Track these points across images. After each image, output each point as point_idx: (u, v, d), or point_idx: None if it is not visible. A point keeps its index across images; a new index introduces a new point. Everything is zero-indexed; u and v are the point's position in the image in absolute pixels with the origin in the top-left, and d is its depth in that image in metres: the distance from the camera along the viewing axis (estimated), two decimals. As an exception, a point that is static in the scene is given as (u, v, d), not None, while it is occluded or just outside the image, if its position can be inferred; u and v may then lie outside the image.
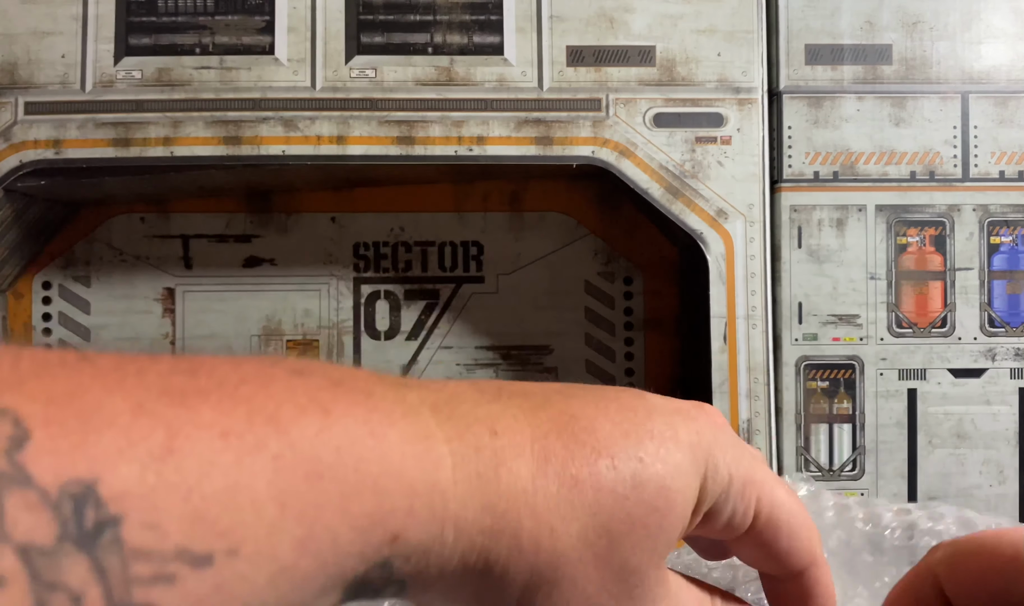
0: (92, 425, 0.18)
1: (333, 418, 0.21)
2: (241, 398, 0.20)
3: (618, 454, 0.24)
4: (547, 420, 0.24)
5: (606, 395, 0.26)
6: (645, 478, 0.24)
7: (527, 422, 0.24)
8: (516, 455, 0.23)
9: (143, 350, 1.12)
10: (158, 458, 0.18)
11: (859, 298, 0.98)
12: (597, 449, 0.24)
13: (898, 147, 0.99)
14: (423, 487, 0.21)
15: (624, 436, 0.25)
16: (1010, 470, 0.99)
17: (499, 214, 1.14)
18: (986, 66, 1.00)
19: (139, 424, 0.18)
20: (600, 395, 0.26)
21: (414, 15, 0.97)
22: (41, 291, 1.12)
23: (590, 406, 0.25)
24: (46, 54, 0.95)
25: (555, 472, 0.23)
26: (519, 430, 0.24)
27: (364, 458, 0.20)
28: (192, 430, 0.19)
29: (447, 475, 0.22)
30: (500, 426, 0.23)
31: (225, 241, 1.13)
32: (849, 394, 0.98)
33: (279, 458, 0.19)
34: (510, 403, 0.24)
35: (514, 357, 1.14)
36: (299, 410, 0.20)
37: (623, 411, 0.26)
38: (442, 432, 0.22)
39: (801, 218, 0.99)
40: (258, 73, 0.96)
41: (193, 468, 0.18)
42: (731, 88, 0.97)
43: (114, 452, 0.17)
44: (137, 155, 0.95)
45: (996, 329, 0.99)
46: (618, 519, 0.24)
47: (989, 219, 1.00)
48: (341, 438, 0.20)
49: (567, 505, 0.23)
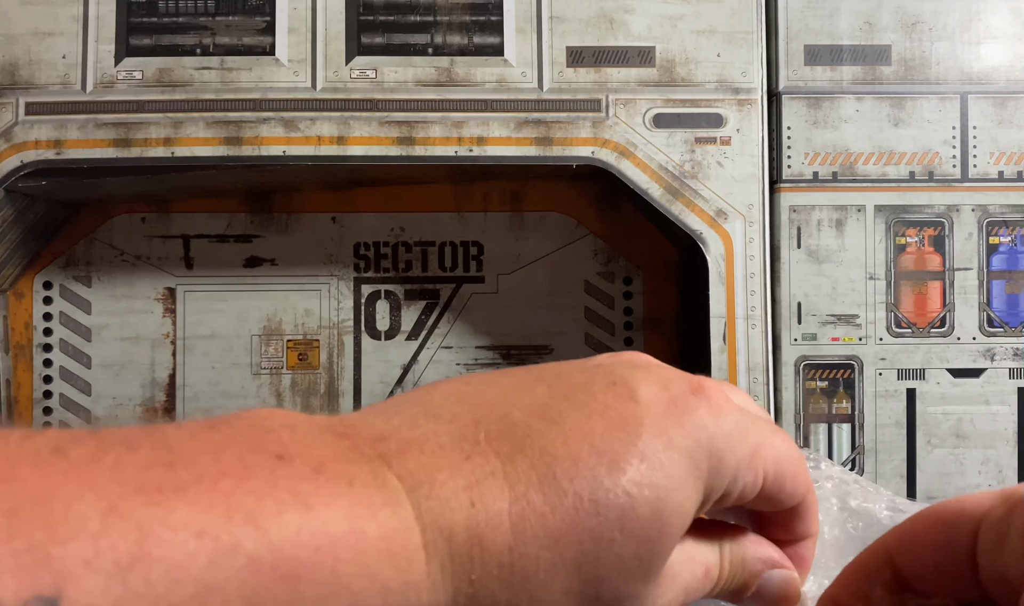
0: (58, 535, 0.17)
1: (314, 513, 0.20)
2: (220, 493, 0.19)
3: (602, 497, 0.23)
4: (527, 469, 0.23)
5: (594, 406, 0.25)
6: (635, 513, 0.23)
7: (505, 481, 0.23)
8: (493, 528, 0.23)
9: (143, 349, 1.12)
10: (126, 567, 0.17)
11: (858, 298, 0.99)
12: (579, 495, 0.23)
13: (897, 147, 0.99)
14: (397, 585, 0.21)
15: (610, 469, 0.24)
16: (1009, 470, 0.99)
17: (499, 214, 1.14)
18: (985, 67, 1.00)
19: (109, 530, 0.18)
20: (588, 408, 0.25)
21: (414, 16, 0.97)
22: (42, 291, 1.12)
23: (574, 434, 0.24)
24: (47, 55, 0.95)
25: (534, 536, 0.23)
26: (498, 495, 0.23)
27: (341, 559, 0.20)
28: (165, 532, 0.18)
29: (420, 569, 0.22)
30: (477, 495, 0.23)
31: (226, 241, 1.13)
32: (848, 394, 0.99)
33: (255, 560, 0.19)
34: (488, 456, 0.23)
35: (514, 357, 1.14)
36: (279, 506, 0.20)
37: (610, 430, 0.24)
38: (419, 523, 0.22)
39: (800, 218, 0.99)
40: (259, 74, 0.96)
41: (162, 576, 0.18)
42: (731, 89, 0.98)
43: (79, 564, 0.17)
44: (138, 155, 0.95)
45: (995, 329, 1.00)
46: (605, 564, 0.23)
47: (988, 219, 1.00)
48: (321, 538, 0.20)
49: (547, 567, 0.23)
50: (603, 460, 0.23)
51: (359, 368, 1.14)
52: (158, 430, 0.20)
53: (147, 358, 1.12)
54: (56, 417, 1.12)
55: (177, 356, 1.12)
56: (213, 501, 0.19)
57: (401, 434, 0.23)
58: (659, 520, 0.24)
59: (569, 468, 0.23)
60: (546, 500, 0.23)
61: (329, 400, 1.13)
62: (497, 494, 0.23)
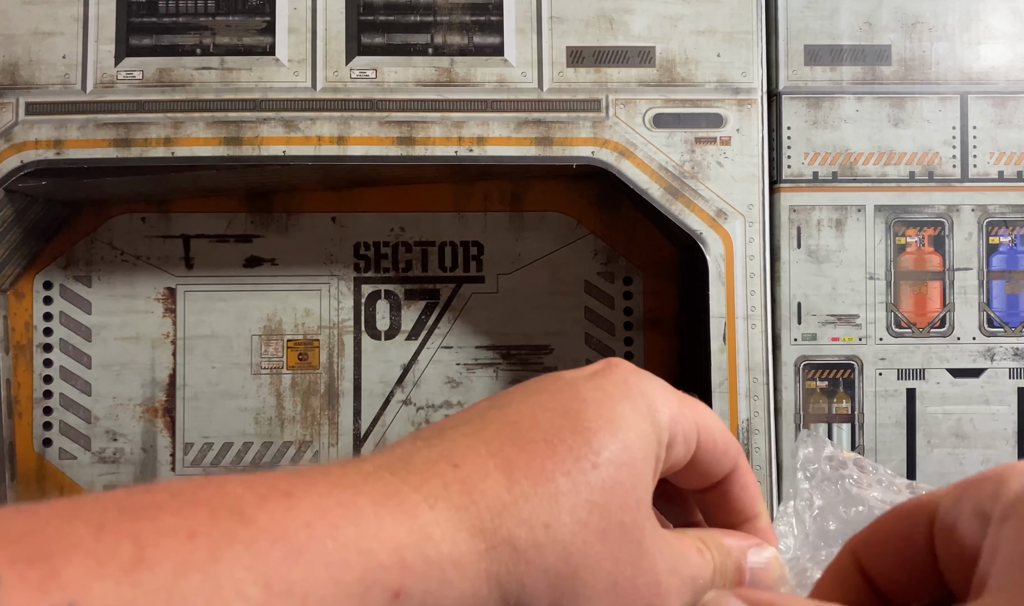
0: (59, 554, 0.18)
1: (296, 499, 0.21)
2: (200, 500, 0.20)
3: (567, 435, 0.25)
4: (495, 434, 0.25)
5: (529, 389, 0.27)
6: (602, 442, 0.25)
7: (480, 443, 0.25)
8: (483, 476, 0.24)
9: (144, 349, 1.12)
10: (130, 570, 0.18)
11: (858, 298, 0.99)
12: (548, 439, 0.25)
13: (897, 147, 0.99)
14: (408, 538, 0.22)
15: (564, 416, 0.26)
16: (1009, 470, 0.99)
17: (499, 214, 1.14)
18: (985, 67, 1.00)
19: (104, 543, 0.18)
20: (525, 392, 0.27)
21: (414, 16, 0.97)
22: (42, 291, 1.12)
23: (524, 407, 0.26)
24: (47, 55, 0.96)
25: (523, 475, 0.24)
26: (475, 453, 0.24)
27: (337, 526, 0.21)
28: (158, 538, 0.19)
29: (428, 519, 0.22)
30: (456, 457, 0.24)
31: (226, 241, 1.13)
32: (848, 394, 0.99)
33: (252, 544, 0.19)
34: (455, 435, 0.25)
35: (514, 357, 1.14)
36: (260, 499, 0.20)
37: (553, 396, 0.26)
38: (407, 485, 0.23)
39: (800, 218, 0.99)
40: (259, 74, 0.96)
41: (168, 571, 0.18)
42: (730, 89, 0.98)
43: (85, 574, 0.17)
44: (138, 155, 0.95)
45: (995, 329, 1.00)
46: (597, 488, 0.25)
47: (988, 219, 1.00)
48: (309, 514, 0.20)
49: (548, 498, 0.24)
50: (556, 415, 0.26)
51: (359, 368, 1.14)
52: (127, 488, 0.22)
53: (147, 358, 1.12)
54: (56, 417, 1.12)
55: (177, 356, 1.13)
56: (196, 507, 0.20)
57: (367, 455, 0.25)
58: (626, 444, 0.26)
59: (531, 425, 0.26)
60: (522, 450, 0.25)
61: (329, 400, 1.13)
62: (475, 452, 0.25)
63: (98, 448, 1.12)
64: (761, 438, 0.97)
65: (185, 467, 1.12)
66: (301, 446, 1.13)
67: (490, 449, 0.24)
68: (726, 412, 0.96)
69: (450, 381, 1.14)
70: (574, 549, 0.24)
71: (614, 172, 0.97)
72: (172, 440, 1.12)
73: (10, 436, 1.08)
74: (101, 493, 0.20)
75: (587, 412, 0.26)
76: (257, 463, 1.12)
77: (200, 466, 1.12)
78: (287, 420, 1.13)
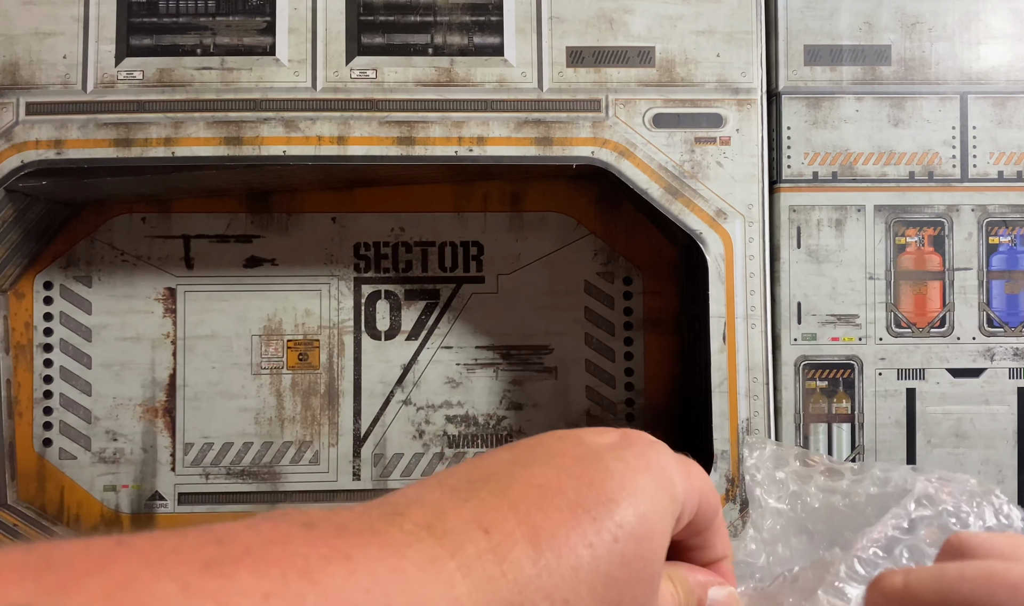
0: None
1: (355, 562, 0.23)
2: (272, 559, 0.22)
3: (593, 506, 0.26)
4: (522, 497, 0.26)
5: (552, 449, 0.29)
6: (624, 515, 0.27)
7: (508, 508, 0.26)
8: (511, 546, 0.25)
9: (144, 349, 1.12)
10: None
11: (858, 298, 0.99)
12: (574, 508, 0.26)
13: (897, 147, 0.99)
14: (442, 601, 0.23)
15: (589, 485, 0.27)
16: (1009, 469, 0.99)
17: (499, 214, 1.14)
18: (985, 67, 1.00)
19: (191, 604, 0.20)
20: (549, 452, 0.29)
21: (414, 16, 0.97)
22: (43, 291, 1.12)
23: (550, 469, 0.28)
24: (48, 55, 0.96)
25: (548, 547, 0.25)
26: (504, 518, 0.26)
27: (391, 593, 0.23)
28: (239, 599, 0.21)
29: (462, 590, 0.24)
30: (488, 521, 0.25)
31: (226, 241, 1.13)
32: (848, 394, 0.99)
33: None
34: (484, 493, 0.27)
35: (514, 357, 1.14)
36: (324, 561, 0.22)
37: (577, 462, 0.28)
38: (444, 549, 0.24)
39: (800, 218, 0.99)
40: (259, 74, 0.96)
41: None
42: (730, 89, 0.98)
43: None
44: (138, 155, 0.95)
45: (995, 329, 1.00)
46: (616, 564, 0.26)
47: (988, 219, 1.00)
48: (367, 579, 0.22)
49: (570, 572, 0.25)
50: (583, 483, 0.27)
51: (359, 368, 1.14)
52: (195, 527, 0.24)
53: (147, 358, 1.12)
54: (56, 417, 1.12)
55: (177, 356, 1.13)
56: (268, 566, 0.22)
57: (401, 500, 0.27)
58: (647, 521, 0.27)
59: (557, 492, 0.27)
60: (548, 518, 0.26)
61: (329, 400, 1.13)
62: (504, 518, 0.26)
63: (98, 448, 1.12)
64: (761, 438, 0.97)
65: (185, 467, 1.12)
66: (301, 446, 1.13)
67: (518, 514, 0.26)
68: (726, 412, 0.96)
69: (450, 381, 1.14)
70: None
71: (614, 172, 0.97)
72: (172, 440, 1.12)
73: (10, 436, 1.08)
74: (178, 538, 0.22)
75: (611, 483, 0.27)
76: (257, 463, 1.12)
77: (200, 466, 1.12)
78: (287, 420, 1.13)
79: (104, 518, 1.12)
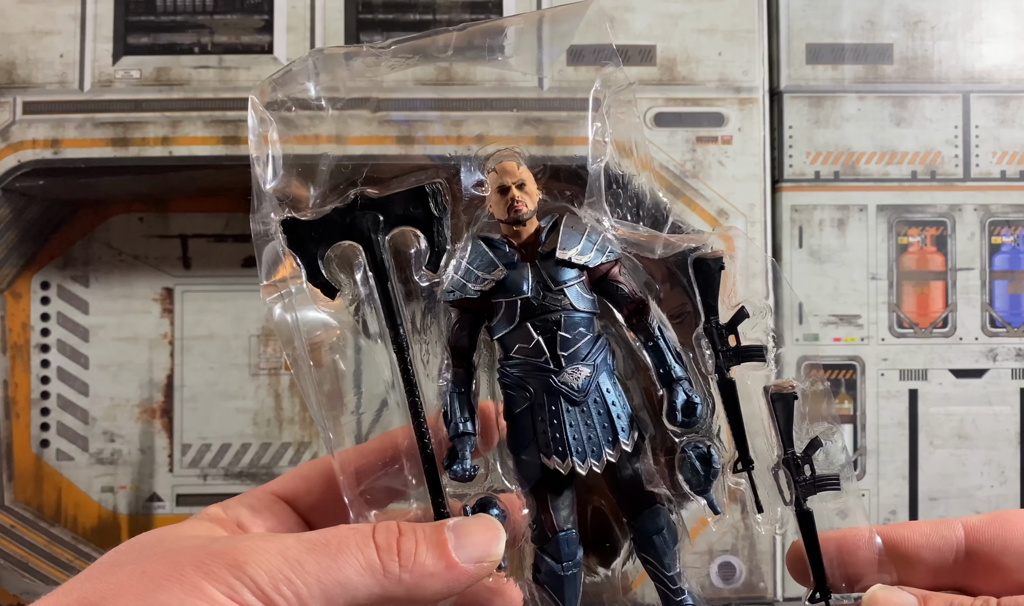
0: None
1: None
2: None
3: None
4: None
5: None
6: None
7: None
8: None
9: (141, 350, 1.12)
10: None
11: (860, 298, 0.98)
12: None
13: (899, 147, 0.99)
14: None
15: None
16: (1011, 470, 0.98)
17: (499, 214, 1.14)
18: (987, 65, 1.00)
19: None
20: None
21: (413, 14, 0.97)
22: (40, 291, 1.11)
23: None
24: (44, 53, 0.95)
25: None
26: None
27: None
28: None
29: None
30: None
31: (224, 241, 1.13)
32: (850, 394, 0.98)
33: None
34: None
35: (514, 357, 1.13)
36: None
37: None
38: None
39: (802, 218, 0.98)
40: (257, 72, 0.96)
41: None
42: (732, 87, 0.97)
43: None
44: (136, 155, 0.95)
45: (997, 329, 0.99)
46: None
47: (990, 219, 0.99)
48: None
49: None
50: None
51: (359, 368, 1.13)
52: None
53: (145, 358, 1.12)
54: (54, 418, 1.11)
55: (175, 356, 1.12)
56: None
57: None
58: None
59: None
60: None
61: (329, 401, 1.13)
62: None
63: (96, 449, 1.11)
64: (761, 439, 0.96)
65: (183, 468, 1.12)
66: (300, 447, 1.12)
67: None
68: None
69: (450, 382, 1.13)
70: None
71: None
72: (170, 441, 1.12)
73: (7, 437, 1.08)
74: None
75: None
76: (256, 464, 1.12)
77: (198, 467, 1.11)
78: (286, 421, 1.12)
79: (102, 519, 1.11)
